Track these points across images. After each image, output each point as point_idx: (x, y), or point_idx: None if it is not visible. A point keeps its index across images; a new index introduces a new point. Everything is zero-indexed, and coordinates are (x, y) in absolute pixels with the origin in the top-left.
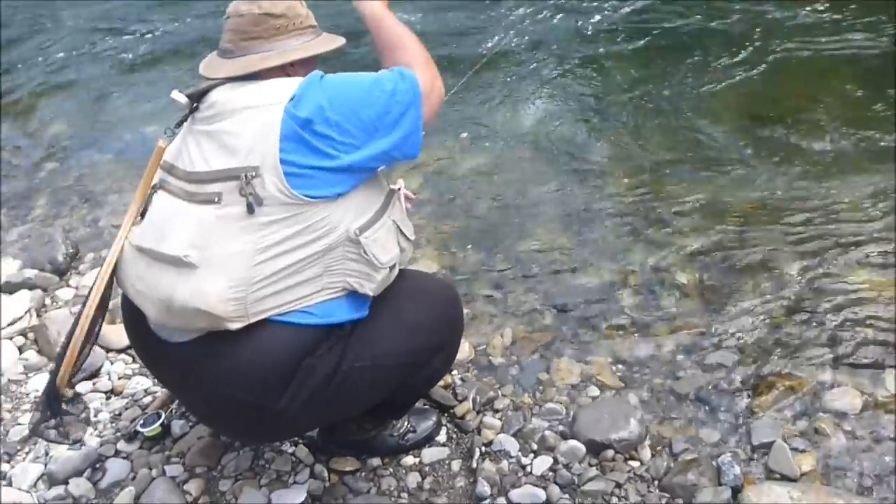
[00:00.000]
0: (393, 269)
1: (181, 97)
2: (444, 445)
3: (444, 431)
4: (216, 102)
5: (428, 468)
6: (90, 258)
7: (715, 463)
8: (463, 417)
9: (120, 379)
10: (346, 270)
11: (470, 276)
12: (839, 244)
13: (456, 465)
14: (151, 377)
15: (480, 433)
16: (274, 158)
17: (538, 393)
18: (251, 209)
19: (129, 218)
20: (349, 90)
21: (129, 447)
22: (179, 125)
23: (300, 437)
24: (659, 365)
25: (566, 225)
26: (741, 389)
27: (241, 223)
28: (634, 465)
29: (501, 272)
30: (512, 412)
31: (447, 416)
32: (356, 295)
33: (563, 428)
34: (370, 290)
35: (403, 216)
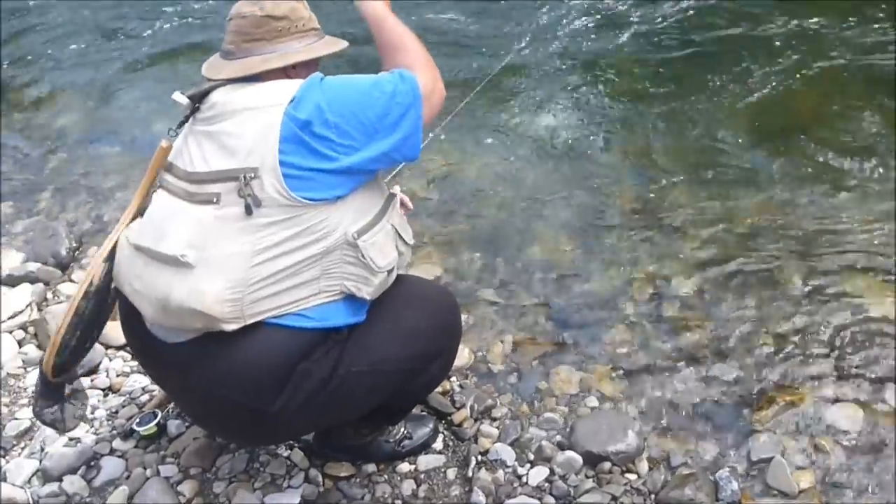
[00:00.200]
0: (391, 273)
1: (182, 98)
2: (440, 453)
3: (440, 439)
4: (217, 103)
5: (423, 476)
6: (93, 252)
7: (713, 478)
8: (460, 425)
9: (118, 376)
10: (343, 274)
11: (473, 280)
12: (845, 259)
13: (452, 473)
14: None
15: (477, 441)
16: (273, 160)
17: (537, 402)
18: (249, 210)
19: (126, 215)
20: (348, 92)
21: (124, 445)
22: (181, 125)
23: (296, 440)
24: (659, 376)
25: (572, 232)
26: (742, 403)
27: (239, 224)
28: (631, 477)
29: (504, 278)
30: (510, 421)
31: (444, 423)
32: (354, 299)
33: (560, 438)
34: (367, 293)
35: (402, 220)
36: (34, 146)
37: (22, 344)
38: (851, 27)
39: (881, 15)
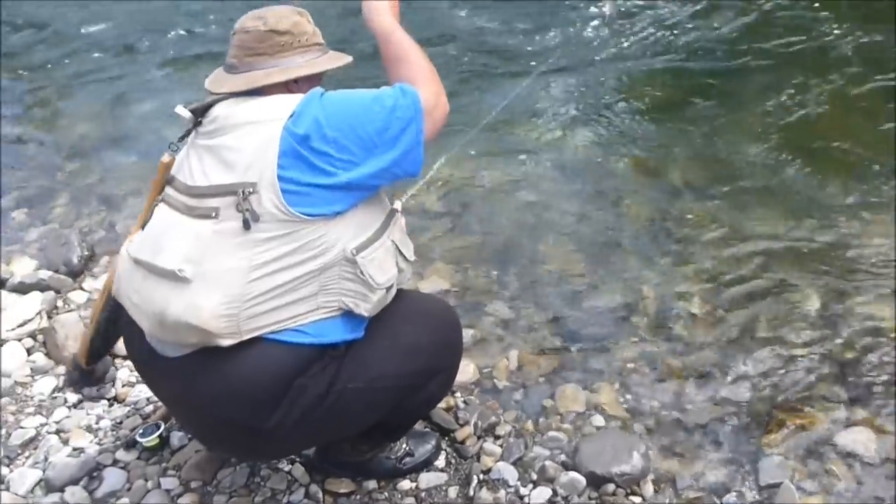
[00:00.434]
0: (390, 290)
1: (185, 111)
2: (442, 471)
3: (443, 456)
4: (218, 117)
5: (424, 493)
6: (105, 262)
7: (719, 502)
8: (463, 442)
9: (124, 386)
10: (341, 290)
11: (481, 294)
12: (861, 280)
13: (453, 491)
14: None
15: (480, 460)
16: (272, 175)
17: (541, 420)
18: (247, 225)
19: (135, 230)
20: (348, 106)
21: (127, 456)
22: (182, 139)
23: (296, 455)
24: (668, 396)
25: (584, 246)
26: (751, 426)
27: (237, 239)
28: (636, 500)
29: (513, 292)
30: (513, 439)
31: (447, 439)
32: (352, 315)
33: (564, 458)
34: (365, 310)
35: (404, 236)
36: (51, 154)
37: (31, 352)
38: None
39: None
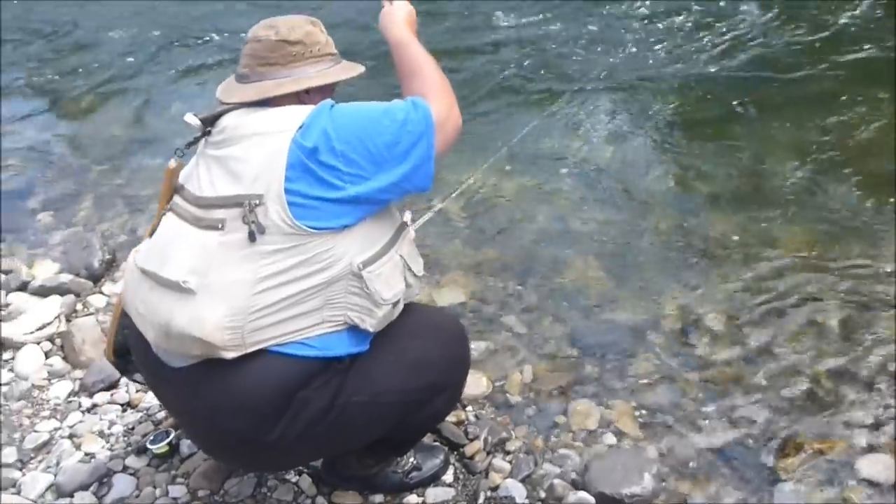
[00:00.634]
0: (396, 305)
1: (194, 120)
2: (449, 486)
3: (451, 471)
4: (227, 127)
5: None
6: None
7: None
8: (472, 458)
9: (137, 392)
10: (347, 304)
11: (497, 306)
12: (886, 300)
13: None
14: None
15: (488, 476)
16: (279, 187)
17: (553, 436)
18: (253, 237)
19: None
20: (357, 119)
21: (137, 463)
22: (190, 146)
23: (303, 467)
24: (683, 414)
25: (603, 259)
26: (767, 448)
27: (242, 251)
28: None
29: (530, 305)
30: (523, 455)
31: (456, 454)
32: (357, 329)
33: (574, 476)
34: (371, 325)
35: (413, 250)
36: (79, 157)
37: (49, 355)
38: None
39: None
